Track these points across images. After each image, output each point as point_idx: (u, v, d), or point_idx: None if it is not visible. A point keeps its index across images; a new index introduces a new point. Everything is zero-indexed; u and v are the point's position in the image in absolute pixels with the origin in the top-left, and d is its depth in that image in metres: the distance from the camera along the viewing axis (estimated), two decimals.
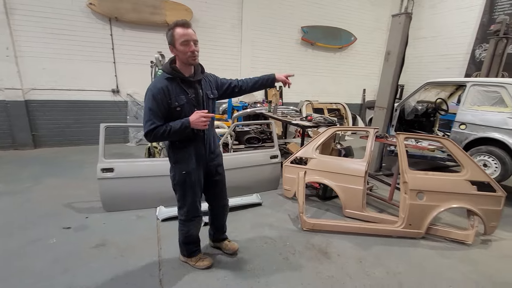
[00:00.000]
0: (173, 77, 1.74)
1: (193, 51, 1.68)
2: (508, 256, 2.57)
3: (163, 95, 1.69)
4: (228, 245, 2.42)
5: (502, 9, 6.20)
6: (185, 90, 1.77)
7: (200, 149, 1.92)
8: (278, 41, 7.25)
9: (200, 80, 1.86)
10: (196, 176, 1.94)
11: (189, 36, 1.65)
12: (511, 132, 3.50)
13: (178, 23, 1.66)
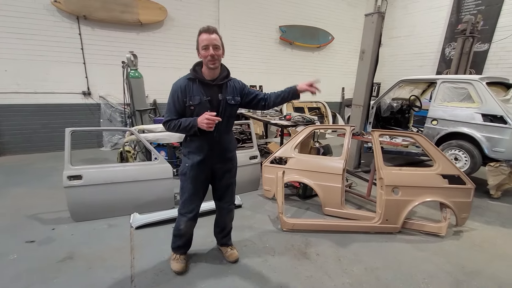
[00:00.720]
0: (193, 78, 1.83)
1: (212, 55, 1.73)
2: (477, 245, 2.67)
3: (180, 93, 1.82)
4: (228, 252, 2.34)
5: (468, 9, 6.53)
6: (202, 92, 1.83)
7: (207, 149, 1.92)
8: (257, 41, 7.22)
9: (222, 85, 1.88)
10: (196, 173, 1.96)
11: (209, 41, 1.72)
12: (479, 127, 3.67)
13: (203, 29, 1.75)
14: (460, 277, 2.23)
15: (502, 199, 3.71)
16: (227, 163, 2.07)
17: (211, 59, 1.74)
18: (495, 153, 3.53)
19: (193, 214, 2.06)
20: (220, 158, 2.00)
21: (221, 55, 1.78)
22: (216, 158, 1.98)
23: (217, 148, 1.95)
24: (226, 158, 2.04)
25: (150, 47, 5.88)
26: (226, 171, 2.08)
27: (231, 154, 2.08)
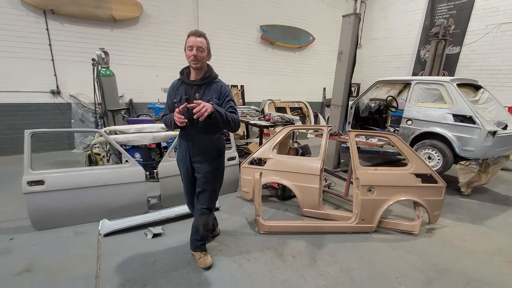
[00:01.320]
0: (182, 79, 2.02)
1: (195, 55, 1.84)
2: (449, 242, 2.75)
3: (171, 92, 2.04)
4: (201, 259, 2.26)
5: (441, 13, 6.78)
6: (185, 91, 1.98)
7: (186, 145, 2.06)
8: (237, 40, 7.13)
9: (202, 85, 1.97)
10: (181, 166, 2.16)
11: (194, 43, 1.84)
12: (450, 127, 3.79)
13: (192, 32, 1.89)
14: (431, 274, 2.27)
15: (472, 196, 3.86)
16: (205, 166, 2.05)
17: (193, 59, 1.85)
18: (465, 152, 3.66)
19: (188, 202, 2.31)
20: (198, 157, 2.05)
21: (204, 57, 1.90)
22: (194, 156, 2.05)
23: (195, 147, 2.03)
24: (205, 159, 2.05)
25: (125, 45, 5.65)
26: (205, 172, 2.06)
27: (211, 156, 2.06)
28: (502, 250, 2.65)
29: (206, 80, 1.96)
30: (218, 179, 2.17)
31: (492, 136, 3.48)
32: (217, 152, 2.10)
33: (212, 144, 2.05)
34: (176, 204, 3.15)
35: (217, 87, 1.98)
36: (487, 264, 2.43)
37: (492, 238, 2.86)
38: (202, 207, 2.15)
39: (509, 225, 3.13)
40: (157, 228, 2.72)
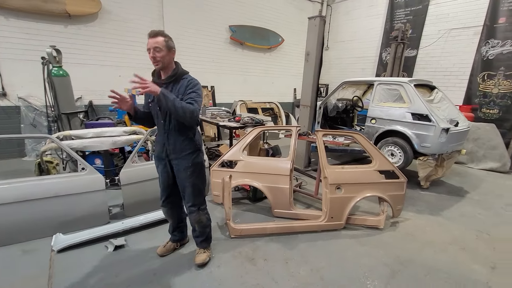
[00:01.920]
0: (153, 79, 2.02)
1: (152, 57, 1.86)
2: (411, 235, 2.90)
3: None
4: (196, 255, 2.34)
5: (399, 18, 7.23)
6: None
7: (162, 143, 2.08)
8: (206, 40, 6.98)
9: (169, 83, 1.97)
10: (157, 163, 2.18)
11: (150, 45, 1.84)
12: (409, 125, 4.02)
13: (148, 34, 1.86)
14: (395, 267, 2.37)
15: (430, 189, 4.13)
16: (182, 162, 2.07)
17: (153, 60, 1.87)
18: (423, 148, 3.91)
19: (162, 200, 2.27)
20: (174, 155, 2.06)
21: (164, 56, 1.86)
22: (171, 153, 2.06)
23: (170, 144, 2.04)
24: (179, 157, 2.06)
25: (83, 42, 5.24)
26: (182, 170, 2.08)
27: (185, 154, 2.06)
28: (456, 239, 2.85)
29: (173, 78, 1.95)
30: (198, 175, 2.14)
31: (446, 133, 3.75)
32: (193, 147, 2.08)
33: (186, 140, 2.05)
34: (141, 212, 2.97)
35: (184, 83, 1.96)
36: (444, 253, 2.60)
37: (448, 228, 3.07)
38: (188, 205, 2.20)
39: (462, 215, 3.40)
40: (119, 240, 2.54)
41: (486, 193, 4.14)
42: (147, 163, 3.16)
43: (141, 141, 3.11)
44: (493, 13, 5.60)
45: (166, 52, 1.86)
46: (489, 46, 5.68)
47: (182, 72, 1.98)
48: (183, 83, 1.95)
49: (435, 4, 6.54)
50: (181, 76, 1.97)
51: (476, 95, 5.94)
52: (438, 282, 2.20)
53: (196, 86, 1.96)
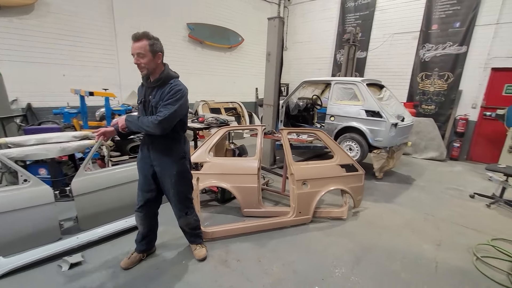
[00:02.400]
0: (143, 82, 1.99)
1: (137, 64, 1.82)
2: (370, 222, 3.14)
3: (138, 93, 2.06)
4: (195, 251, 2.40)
5: (350, 22, 7.77)
6: (144, 93, 1.97)
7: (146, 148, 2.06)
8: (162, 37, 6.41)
9: (155, 87, 1.92)
10: (141, 166, 2.11)
11: (133, 50, 1.79)
12: (364, 121, 4.35)
13: (132, 36, 1.80)
14: (359, 253, 2.54)
15: (384, 179, 4.53)
16: (165, 168, 2.04)
17: (138, 67, 1.83)
18: (376, 142, 4.26)
19: (138, 208, 2.15)
20: (157, 161, 2.03)
21: (148, 61, 1.80)
22: (153, 160, 2.04)
23: (154, 149, 2.02)
24: (162, 162, 2.03)
25: (17, 37, 4.60)
26: (167, 177, 2.06)
27: (169, 161, 2.03)
28: (408, 223, 3.17)
29: (159, 82, 1.89)
30: (183, 183, 2.13)
31: (395, 128, 4.15)
32: (177, 155, 2.05)
33: (170, 148, 2.03)
34: (99, 224, 2.72)
35: (167, 89, 1.88)
36: (399, 237, 2.87)
37: (400, 213, 3.40)
38: (175, 210, 2.23)
39: (412, 200, 3.79)
40: (75, 256, 2.29)
41: (429, 180, 4.68)
42: (103, 170, 2.90)
43: (95, 146, 2.83)
44: (427, 21, 6.34)
45: (150, 58, 1.80)
46: (426, 49, 6.43)
47: (169, 76, 1.92)
48: (166, 88, 1.87)
49: (379, 10, 7.17)
50: (167, 80, 1.90)
51: (416, 93, 6.68)
52: (395, 263, 2.42)
53: (177, 93, 1.86)
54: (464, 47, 5.88)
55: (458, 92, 6.07)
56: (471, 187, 4.31)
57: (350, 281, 2.18)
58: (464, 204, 3.74)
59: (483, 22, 5.63)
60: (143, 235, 2.26)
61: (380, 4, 7.12)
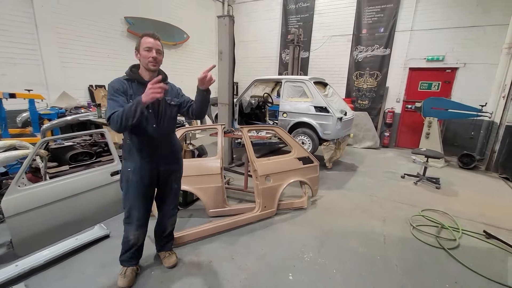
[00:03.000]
0: (131, 79, 1.86)
1: (155, 57, 1.81)
2: (327, 208, 3.44)
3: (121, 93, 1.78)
4: (166, 258, 2.29)
5: (292, 23, 8.22)
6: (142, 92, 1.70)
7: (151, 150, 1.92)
8: (96, 31, 5.96)
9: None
10: (141, 176, 1.91)
11: (153, 45, 1.80)
12: (313, 116, 4.70)
13: (148, 33, 1.82)
14: (322, 237, 2.77)
15: (333, 169, 4.98)
16: (173, 165, 2.07)
17: (152, 60, 1.81)
18: (325, 135, 4.65)
19: (140, 223, 1.99)
20: (165, 159, 2.00)
21: (161, 60, 1.88)
22: (161, 159, 1.98)
23: (161, 149, 1.96)
24: (171, 160, 2.04)
25: None
26: (172, 173, 2.07)
27: (176, 155, 2.09)
28: (358, 205, 3.57)
29: (164, 81, 1.90)
30: (181, 177, 2.21)
31: (340, 121, 4.59)
32: (180, 150, 2.16)
33: (175, 144, 2.09)
34: (40, 247, 2.36)
35: (172, 87, 2.03)
36: (352, 218, 3.22)
37: (350, 197, 3.81)
38: (172, 208, 2.19)
39: (358, 185, 4.27)
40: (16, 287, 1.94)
41: (369, 166, 5.33)
42: (40, 185, 2.50)
43: (30, 156, 2.42)
44: (358, 25, 7.15)
45: (162, 57, 1.90)
46: (358, 51, 7.24)
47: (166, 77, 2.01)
48: (171, 86, 2.02)
49: (318, 14, 7.77)
50: (166, 80, 1.98)
51: (353, 90, 7.48)
52: (352, 241, 2.72)
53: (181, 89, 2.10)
54: (388, 49, 6.83)
55: (385, 88, 7.03)
56: (401, 169, 5.06)
57: (318, 263, 2.37)
58: (397, 184, 4.39)
59: (401, 28, 6.63)
60: (139, 247, 2.10)
61: (318, 8, 7.72)
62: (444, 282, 2.19)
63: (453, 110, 5.43)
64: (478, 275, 2.27)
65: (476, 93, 5.91)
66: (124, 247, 2.05)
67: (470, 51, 5.96)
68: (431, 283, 2.18)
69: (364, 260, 2.44)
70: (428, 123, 5.61)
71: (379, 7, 6.80)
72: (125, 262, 2.07)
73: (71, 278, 2.12)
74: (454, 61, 6.15)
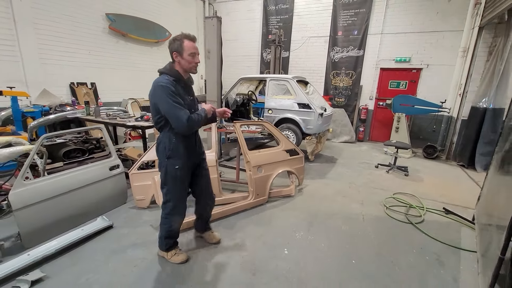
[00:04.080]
0: (177, 79, 1.96)
1: (198, 63, 1.98)
2: (312, 195, 3.80)
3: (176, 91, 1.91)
4: (211, 236, 2.59)
5: (273, 24, 8.55)
6: (187, 92, 2.03)
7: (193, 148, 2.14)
8: (77, 27, 5.85)
9: (191, 86, 2.13)
10: (186, 172, 2.12)
11: (196, 50, 1.95)
12: (297, 112, 5.06)
13: (188, 36, 1.93)
14: (310, 219, 3.12)
15: (315, 161, 5.39)
16: (203, 157, 2.30)
17: (195, 65, 1.98)
18: (308, 129, 5.03)
19: (185, 210, 2.26)
20: (200, 150, 2.25)
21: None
22: (199, 155, 2.23)
23: (198, 143, 2.21)
24: (202, 153, 2.29)
25: None
26: (203, 165, 2.30)
27: (202, 145, 2.33)
28: (339, 191, 3.98)
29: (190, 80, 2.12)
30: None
31: (321, 117, 4.99)
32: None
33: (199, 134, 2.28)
34: (46, 238, 2.47)
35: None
36: (335, 202, 3.61)
37: (332, 185, 4.21)
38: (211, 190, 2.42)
39: (338, 175, 4.70)
40: (33, 273, 2.06)
41: (347, 158, 5.81)
42: (45, 178, 2.59)
43: (33, 151, 2.49)
44: (334, 28, 7.64)
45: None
46: (334, 52, 7.75)
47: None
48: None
49: (297, 15, 8.16)
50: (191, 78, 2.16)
51: (330, 88, 7.99)
52: (336, 221, 3.10)
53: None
54: (361, 51, 7.39)
55: (360, 87, 7.61)
56: (375, 160, 5.60)
57: (308, 239, 2.71)
58: (372, 173, 4.88)
59: (373, 32, 7.21)
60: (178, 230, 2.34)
61: (297, 10, 8.11)
62: (412, 248, 2.63)
63: (418, 106, 6.08)
64: (438, 242, 2.74)
65: (437, 91, 6.63)
66: (168, 236, 2.25)
67: (432, 54, 6.67)
68: (401, 249, 2.60)
69: (347, 235, 2.82)
70: (397, 118, 6.22)
71: (353, 11, 7.33)
72: (171, 247, 2.31)
73: (83, 264, 2.26)
74: (419, 62, 6.84)
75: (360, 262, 2.40)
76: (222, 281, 2.12)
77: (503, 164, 2.34)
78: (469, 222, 3.09)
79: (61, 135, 3.88)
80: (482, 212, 2.77)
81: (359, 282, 2.15)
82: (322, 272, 2.26)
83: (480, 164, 5.15)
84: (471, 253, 2.57)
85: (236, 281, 2.12)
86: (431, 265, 2.40)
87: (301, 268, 2.29)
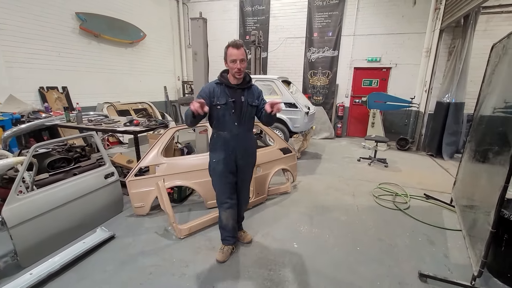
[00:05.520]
0: (220, 82, 2.12)
1: (239, 68, 2.02)
2: (307, 190, 3.98)
3: (208, 94, 2.08)
4: (243, 236, 2.66)
5: (250, 25, 8.64)
6: (228, 94, 2.10)
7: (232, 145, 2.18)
8: (45, 27, 5.42)
9: (244, 89, 2.16)
10: (222, 166, 2.20)
11: (237, 56, 1.99)
12: (284, 112, 5.21)
13: (232, 43, 2.02)
14: (310, 213, 3.28)
15: (302, 158, 5.60)
16: (249, 158, 2.34)
17: (238, 71, 2.03)
18: (295, 128, 5.22)
19: (227, 205, 2.28)
20: (243, 154, 2.25)
21: (245, 66, 2.07)
22: (239, 154, 2.22)
23: (240, 145, 2.20)
24: (248, 154, 2.31)
25: None
26: (248, 165, 2.35)
27: (252, 151, 2.37)
28: (330, 185, 4.21)
29: (248, 84, 2.18)
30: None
31: (307, 115, 5.21)
32: (255, 146, 2.44)
33: (252, 140, 2.36)
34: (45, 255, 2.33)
35: (254, 89, 2.23)
36: (328, 195, 3.81)
37: (323, 180, 4.43)
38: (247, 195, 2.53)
39: (326, 170, 4.94)
40: None
41: (330, 153, 6.11)
42: (40, 191, 2.43)
43: (25, 163, 2.32)
44: (310, 29, 7.95)
45: (246, 63, 2.07)
46: (311, 52, 8.06)
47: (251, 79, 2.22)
48: (253, 90, 2.22)
49: (273, 17, 8.34)
50: (250, 81, 2.20)
51: (309, 87, 8.30)
52: (334, 213, 3.30)
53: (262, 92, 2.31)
54: (336, 51, 7.79)
55: (336, 85, 8.01)
56: (355, 154, 5.97)
57: (313, 232, 2.86)
58: (356, 166, 5.21)
59: (346, 33, 7.64)
60: (233, 228, 2.41)
61: (273, 12, 8.29)
62: (405, 231, 2.90)
63: (390, 103, 6.59)
64: (426, 224, 3.05)
65: (405, 88, 7.23)
66: (220, 225, 2.40)
67: (400, 54, 7.25)
68: (397, 233, 2.86)
69: (347, 225, 3.02)
70: (372, 114, 6.67)
71: (327, 13, 7.69)
72: (224, 241, 2.42)
73: (93, 277, 2.17)
74: (388, 62, 7.39)
75: (364, 248, 2.60)
76: (242, 278, 2.17)
77: (477, 151, 2.69)
78: (448, 205, 3.48)
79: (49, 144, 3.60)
80: (459, 195, 3.13)
81: (367, 265, 2.34)
82: (332, 260, 2.41)
83: (447, 153, 5.74)
84: (455, 231, 2.91)
85: (256, 276, 2.19)
86: (424, 244, 2.68)
87: (313, 259, 2.43)
